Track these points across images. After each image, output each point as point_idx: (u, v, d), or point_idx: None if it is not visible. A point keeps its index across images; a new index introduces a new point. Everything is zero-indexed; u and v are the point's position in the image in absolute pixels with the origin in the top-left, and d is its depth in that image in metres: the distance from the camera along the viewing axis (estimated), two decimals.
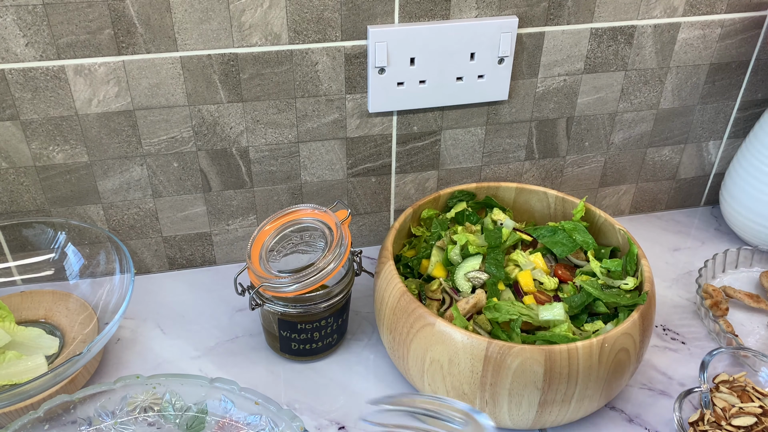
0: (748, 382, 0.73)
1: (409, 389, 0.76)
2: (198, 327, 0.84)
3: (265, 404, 0.66)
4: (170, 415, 0.68)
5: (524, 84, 0.87)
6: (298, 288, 0.72)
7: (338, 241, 0.73)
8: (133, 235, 0.87)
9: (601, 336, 0.65)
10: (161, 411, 0.67)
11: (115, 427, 0.67)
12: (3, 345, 0.74)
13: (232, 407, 0.67)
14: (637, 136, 0.96)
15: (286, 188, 0.88)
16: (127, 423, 0.67)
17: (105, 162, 0.81)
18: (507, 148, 0.92)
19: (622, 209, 1.03)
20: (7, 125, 0.76)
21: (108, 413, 0.67)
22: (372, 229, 0.95)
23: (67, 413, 0.65)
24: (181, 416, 0.68)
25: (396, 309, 0.70)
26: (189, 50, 0.75)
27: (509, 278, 0.75)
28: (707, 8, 0.87)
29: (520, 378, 0.64)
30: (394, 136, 0.87)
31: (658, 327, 0.85)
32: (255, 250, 0.76)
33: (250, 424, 0.67)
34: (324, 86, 0.81)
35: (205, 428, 0.68)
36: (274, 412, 0.65)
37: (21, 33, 0.71)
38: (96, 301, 0.81)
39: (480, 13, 0.81)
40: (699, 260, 0.94)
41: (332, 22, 0.77)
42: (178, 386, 0.67)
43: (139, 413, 0.67)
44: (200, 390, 0.67)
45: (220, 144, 0.83)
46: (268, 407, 0.66)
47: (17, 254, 0.84)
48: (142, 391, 0.67)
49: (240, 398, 0.67)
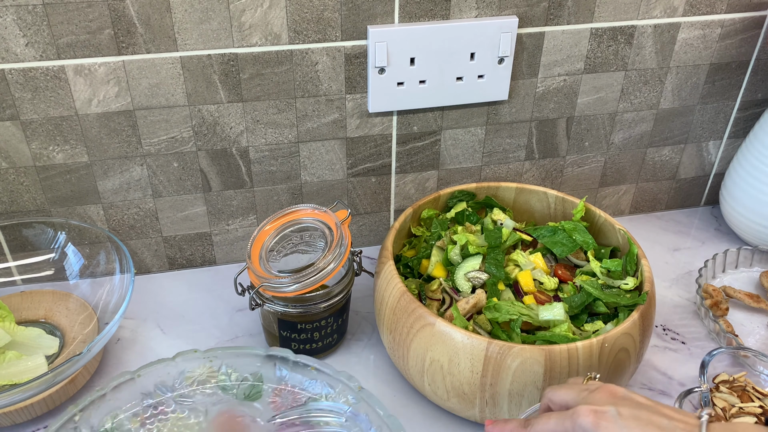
0: (748, 382, 0.73)
1: (409, 389, 0.76)
2: (198, 327, 0.84)
3: (320, 368, 0.69)
4: (228, 385, 0.70)
5: (524, 84, 0.87)
6: (298, 288, 0.72)
7: (338, 241, 0.73)
8: (133, 235, 0.87)
9: (601, 336, 0.65)
10: (219, 383, 0.70)
11: (175, 400, 0.69)
12: (3, 345, 0.74)
13: (287, 374, 0.70)
14: (637, 136, 0.96)
15: (286, 188, 0.88)
16: (186, 396, 0.70)
17: (105, 162, 0.81)
18: (507, 148, 0.92)
19: (622, 209, 1.03)
20: (7, 125, 0.76)
21: (167, 387, 0.69)
22: (372, 229, 0.95)
23: (131, 383, 0.68)
24: (238, 386, 0.70)
25: (396, 309, 0.70)
26: (189, 50, 0.75)
27: (509, 278, 0.75)
28: (707, 8, 0.87)
29: (520, 378, 0.64)
30: (394, 136, 0.87)
31: (658, 327, 0.85)
32: (255, 250, 0.76)
33: (306, 389, 0.70)
34: (324, 86, 0.81)
35: (262, 396, 0.70)
36: (330, 375, 0.68)
37: (21, 33, 0.71)
38: (96, 301, 0.81)
39: (480, 13, 0.81)
40: (699, 260, 0.94)
41: (332, 22, 0.77)
42: (233, 358, 0.71)
43: (197, 386, 0.70)
44: (255, 360, 0.71)
45: (220, 144, 0.82)
46: (323, 371, 0.69)
47: (17, 254, 0.84)
48: (199, 365, 0.70)
49: (295, 365, 0.70)
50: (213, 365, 0.71)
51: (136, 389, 0.68)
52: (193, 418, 0.69)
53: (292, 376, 0.70)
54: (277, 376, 0.70)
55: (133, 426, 0.67)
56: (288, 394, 0.70)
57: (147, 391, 0.68)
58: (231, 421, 0.69)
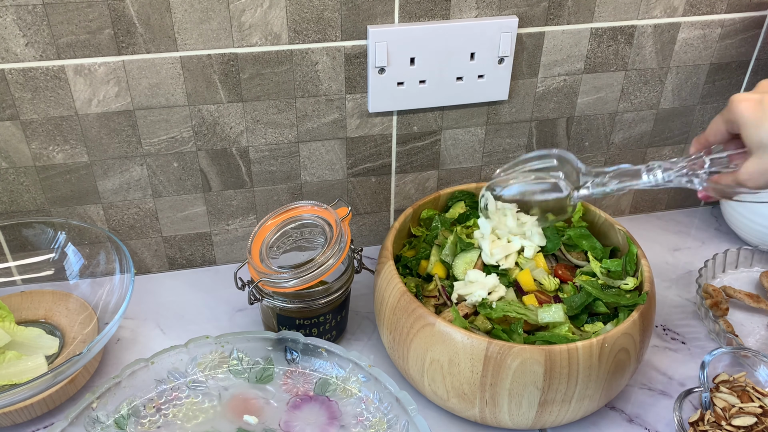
0: (748, 382, 0.73)
1: (409, 389, 0.76)
2: (198, 327, 0.84)
3: (330, 349, 0.72)
4: (240, 369, 0.72)
5: (524, 84, 0.87)
6: (297, 283, 0.72)
7: (338, 238, 0.73)
8: (133, 235, 0.87)
9: (601, 336, 0.65)
10: (230, 367, 0.72)
11: (188, 385, 0.71)
12: (3, 345, 0.74)
13: (298, 357, 0.73)
14: (637, 136, 0.96)
15: (286, 188, 0.88)
16: (198, 381, 0.72)
17: (105, 162, 0.81)
18: (507, 148, 0.92)
19: (622, 209, 1.03)
20: (7, 125, 0.76)
21: (180, 373, 0.72)
22: (372, 229, 0.95)
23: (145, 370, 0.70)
24: (249, 370, 0.73)
25: (396, 309, 0.70)
26: (189, 50, 0.75)
27: (509, 278, 0.75)
28: (707, 8, 0.87)
29: (520, 378, 0.64)
30: (394, 136, 0.87)
31: (658, 327, 0.85)
32: (255, 245, 0.76)
33: (317, 370, 0.73)
34: (324, 86, 0.81)
35: (274, 378, 0.73)
36: (341, 356, 0.71)
37: (21, 33, 0.71)
38: (96, 301, 0.81)
39: (480, 13, 0.81)
40: (699, 260, 0.93)
41: (332, 22, 0.77)
42: (244, 342, 0.73)
43: (210, 371, 0.72)
44: (266, 344, 0.74)
45: (220, 144, 0.82)
46: (333, 352, 0.72)
47: (17, 254, 0.84)
48: (210, 351, 0.73)
49: (305, 348, 0.73)
50: (224, 350, 0.73)
51: (150, 376, 0.70)
52: (207, 402, 0.71)
53: (303, 358, 0.73)
54: (287, 358, 0.73)
55: (149, 411, 0.70)
56: (299, 376, 0.73)
57: (161, 377, 0.71)
58: (245, 404, 0.71)
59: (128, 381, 0.69)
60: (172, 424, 0.69)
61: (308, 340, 0.72)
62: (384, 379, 0.69)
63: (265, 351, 0.74)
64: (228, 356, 0.73)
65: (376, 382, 0.69)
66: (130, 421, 0.68)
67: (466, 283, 0.73)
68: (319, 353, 0.72)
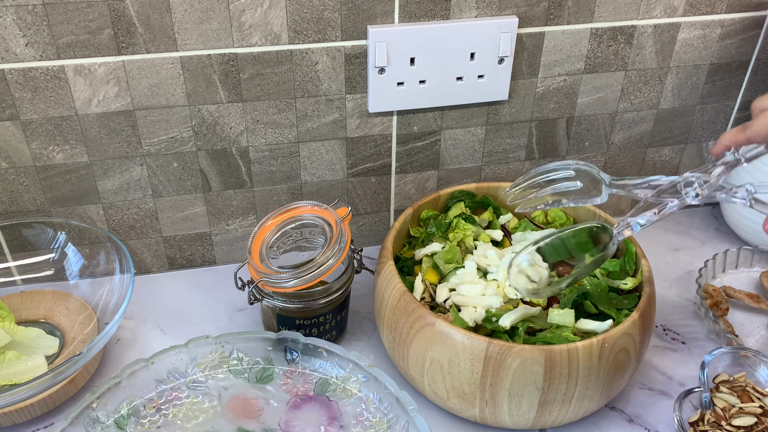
0: (748, 382, 0.73)
1: (409, 389, 0.76)
2: (198, 327, 0.84)
3: (330, 349, 0.72)
4: (240, 369, 0.73)
5: (524, 84, 0.87)
6: (297, 283, 0.72)
7: (338, 238, 0.73)
8: (133, 235, 0.87)
9: (601, 336, 0.65)
10: (230, 367, 0.73)
11: (188, 385, 0.72)
12: (3, 345, 0.74)
13: (298, 357, 0.73)
14: (637, 136, 0.96)
15: (286, 188, 0.88)
16: (198, 381, 0.72)
17: (105, 162, 0.81)
18: (507, 148, 0.92)
19: (623, 209, 1.03)
20: (7, 125, 0.76)
21: (180, 373, 0.72)
22: (372, 229, 0.95)
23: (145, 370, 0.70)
24: (249, 370, 0.73)
25: (396, 309, 0.70)
26: (189, 50, 0.75)
27: None
28: (707, 8, 0.87)
29: (520, 378, 0.64)
30: (394, 136, 0.87)
31: (658, 327, 0.85)
32: (255, 245, 0.76)
33: (317, 370, 0.73)
34: (324, 86, 0.81)
35: (274, 378, 0.73)
36: (341, 356, 0.71)
37: (21, 33, 0.71)
38: (96, 301, 0.81)
39: (480, 13, 0.81)
40: (699, 260, 0.93)
41: (332, 22, 0.77)
42: (244, 343, 0.74)
43: (210, 371, 0.72)
44: (265, 344, 0.74)
45: (220, 144, 0.83)
46: (333, 352, 0.72)
47: (17, 254, 0.84)
48: (210, 351, 0.73)
49: (305, 348, 0.73)
50: (224, 350, 0.73)
51: (150, 376, 0.71)
52: (207, 402, 0.71)
53: (303, 358, 0.73)
54: (287, 358, 0.73)
55: (149, 411, 0.70)
56: (299, 376, 0.73)
57: (161, 377, 0.71)
58: (245, 404, 0.71)
59: (128, 381, 0.69)
60: (172, 424, 0.69)
61: (308, 340, 0.72)
62: (384, 379, 0.69)
63: (265, 351, 0.74)
64: (228, 356, 0.73)
65: (376, 382, 0.69)
66: (130, 421, 0.68)
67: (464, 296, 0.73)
68: (319, 353, 0.72)
